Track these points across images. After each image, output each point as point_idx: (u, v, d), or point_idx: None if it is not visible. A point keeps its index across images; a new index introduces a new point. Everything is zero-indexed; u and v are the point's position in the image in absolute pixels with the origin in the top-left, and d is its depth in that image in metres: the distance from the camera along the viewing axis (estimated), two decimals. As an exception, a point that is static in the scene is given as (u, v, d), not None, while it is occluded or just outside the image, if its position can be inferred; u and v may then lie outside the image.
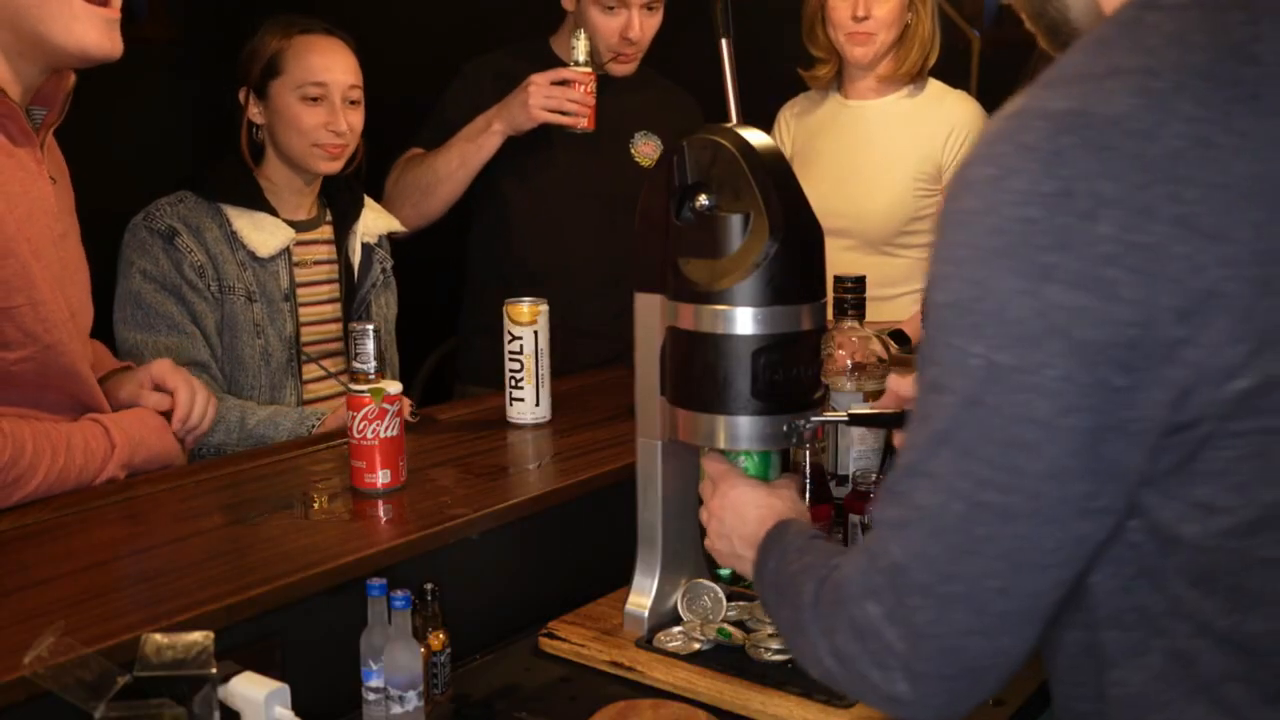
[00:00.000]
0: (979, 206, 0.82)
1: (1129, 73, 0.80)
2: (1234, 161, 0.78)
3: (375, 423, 1.53)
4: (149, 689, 0.94)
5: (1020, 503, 0.83)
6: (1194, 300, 0.77)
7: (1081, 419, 0.80)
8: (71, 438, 1.54)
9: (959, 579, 0.86)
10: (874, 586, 0.92)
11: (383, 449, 1.54)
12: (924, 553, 0.87)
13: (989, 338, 0.81)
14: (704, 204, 1.31)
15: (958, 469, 0.85)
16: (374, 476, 1.54)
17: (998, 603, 0.86)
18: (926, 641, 0.89)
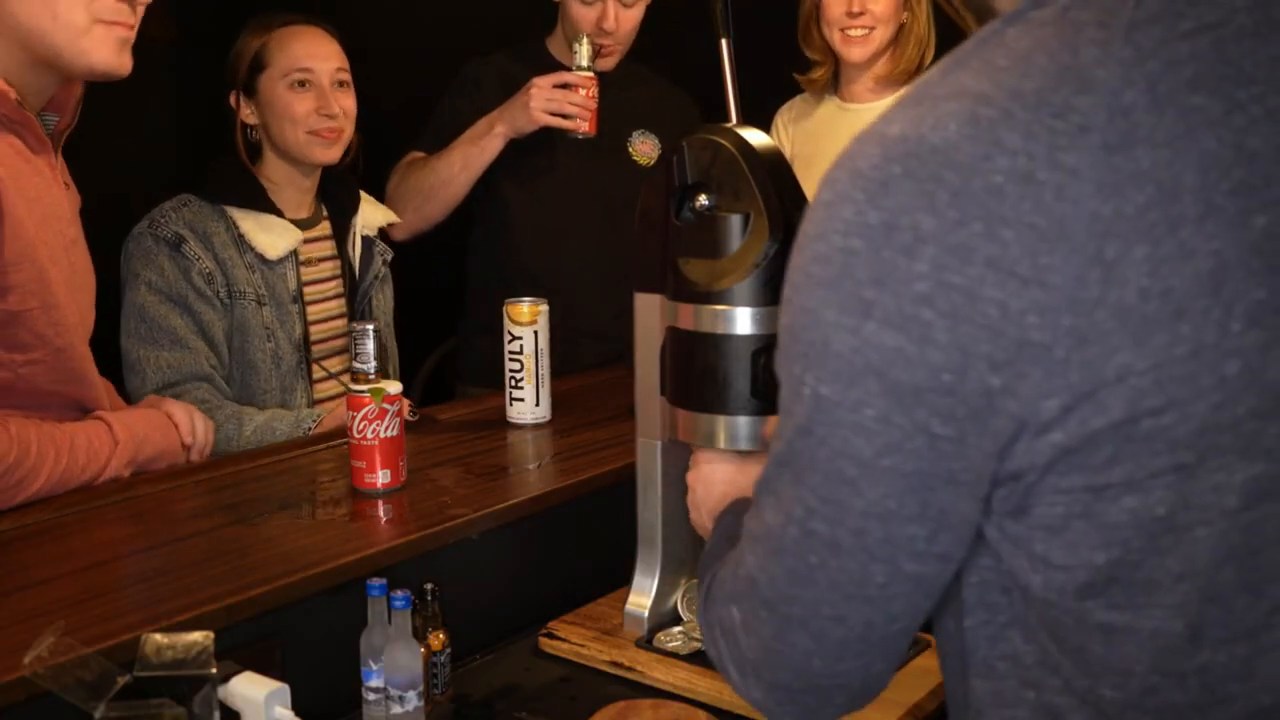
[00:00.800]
0: (812, 232, 0.79)
1: (966, 97, 0.74)
2: (1056, 202, 0.70)
3: (375, 423, 1.53)
4: (149, 689, 0.94)
5: (845, 537, 0.80)
6: (1007, 349, 0.72)
7: (902, 461, 0.77)
8: (75, 438, 1.54)
9: (797, 602, 0.85)
10: (735, 592, 0.92)
11: (383, 449, 1.54)
12: (768, 570, 0.87)
13: (815, 369, 0.78)
14: (704, 204, 1.31)
15: (793, 494, 0.83)
16: (374, 476, 1.54)
17: (834, 630, 0.85)
18: (773, 655, 0.89)
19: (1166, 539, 0.75)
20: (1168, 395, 0.72)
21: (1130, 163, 0.71)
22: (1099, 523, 0.75)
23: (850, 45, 2.45)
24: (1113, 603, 0.78)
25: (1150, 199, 0.71)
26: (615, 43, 2.44)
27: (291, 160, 2.12)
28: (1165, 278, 0.71)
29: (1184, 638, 0.77)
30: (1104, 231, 0.71)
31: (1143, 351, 0.71)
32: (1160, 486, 0.73)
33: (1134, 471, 0.73)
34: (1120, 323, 0.71)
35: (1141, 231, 0.71)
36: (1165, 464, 0.73)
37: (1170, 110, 0.72)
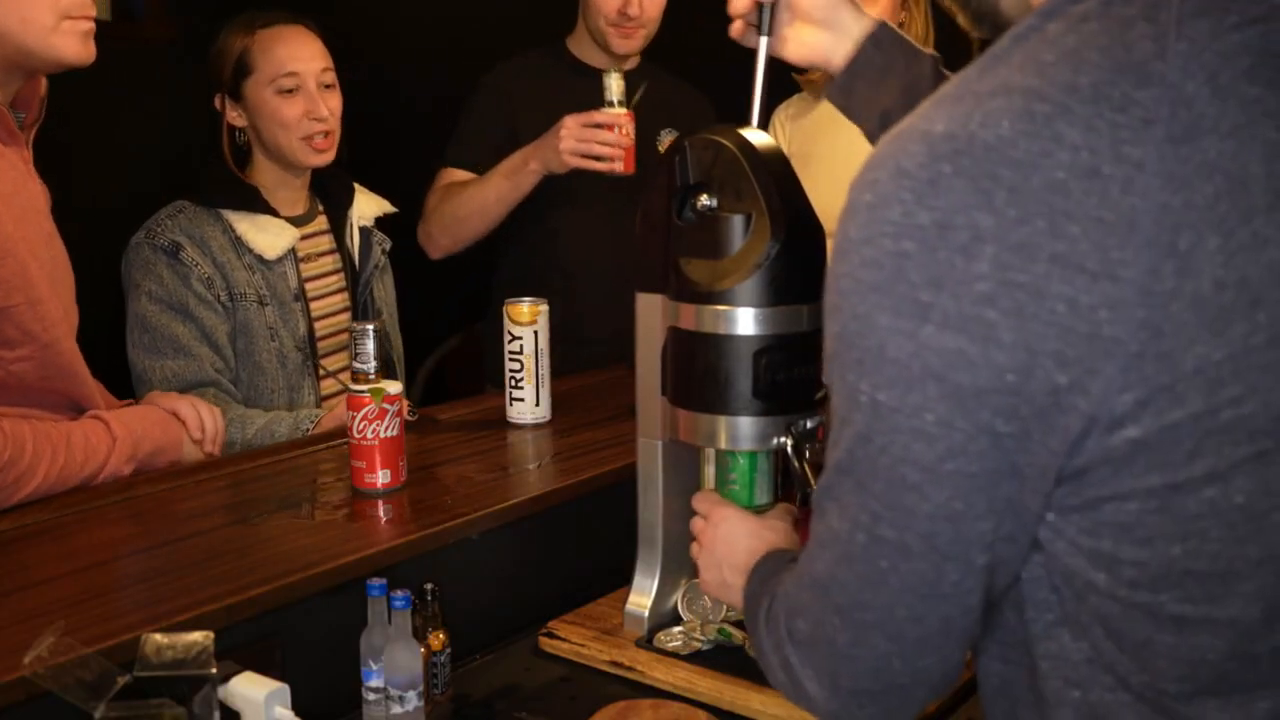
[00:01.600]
0: (858, 236, 0.78)
1: (1015, 93, 0.74)
2: (1123, 195, 0.70)
3: (375, 423, 1.53)
4: (149, 689, 0.94)
5: (914, 541, 0.80)
6: (1076, 345, 0.72)
7: (966, 464, 0.76)
8: (71, 435, 1.54)
9: (870, 607, 0.84)
10: (802, 604, 0.91)
11: (383, 449, 1.54)
12: (837, 576, 0.86)
13: (871, 375, 0.78)
14: (705, 204, 1.31)
15: (857, 501, 0.82)
16: (374, 476, 1.54)
17: (911, 630, 0.84)
18: (849, 662, 0.87)
19: (1246, 527, 0.75)
20: (1247, 384, 0.72)
21: (1197, 153, 0.71)
22: (1176, 516, 0.75)
23: None
24: (1187, 595, 0.77)
25: (1219, 189, 0.71)
26: (640, 26, 2.42)
27: (282, 163, 2.12)
28: (1240, 267, 0.71)
29: (1259, 621, 0.77)
30: (1175, 224, 0.70)
31: (1220, 342, 0.71)
32: (1240, 475, 0.74)
33: (1215, 464, 0.73)
34: (1196, 314, 0.71)
35: (1213, 222, 0.71)
36: (1246, 453, 0.73)
37: (1232, 101, 0.72)
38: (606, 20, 2.40)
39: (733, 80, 1.46)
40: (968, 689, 1.33)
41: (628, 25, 2.40)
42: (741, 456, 1.35)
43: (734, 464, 1.36)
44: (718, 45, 1.46)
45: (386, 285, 2.30)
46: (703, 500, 1.32)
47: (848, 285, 0.79)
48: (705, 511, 1.30)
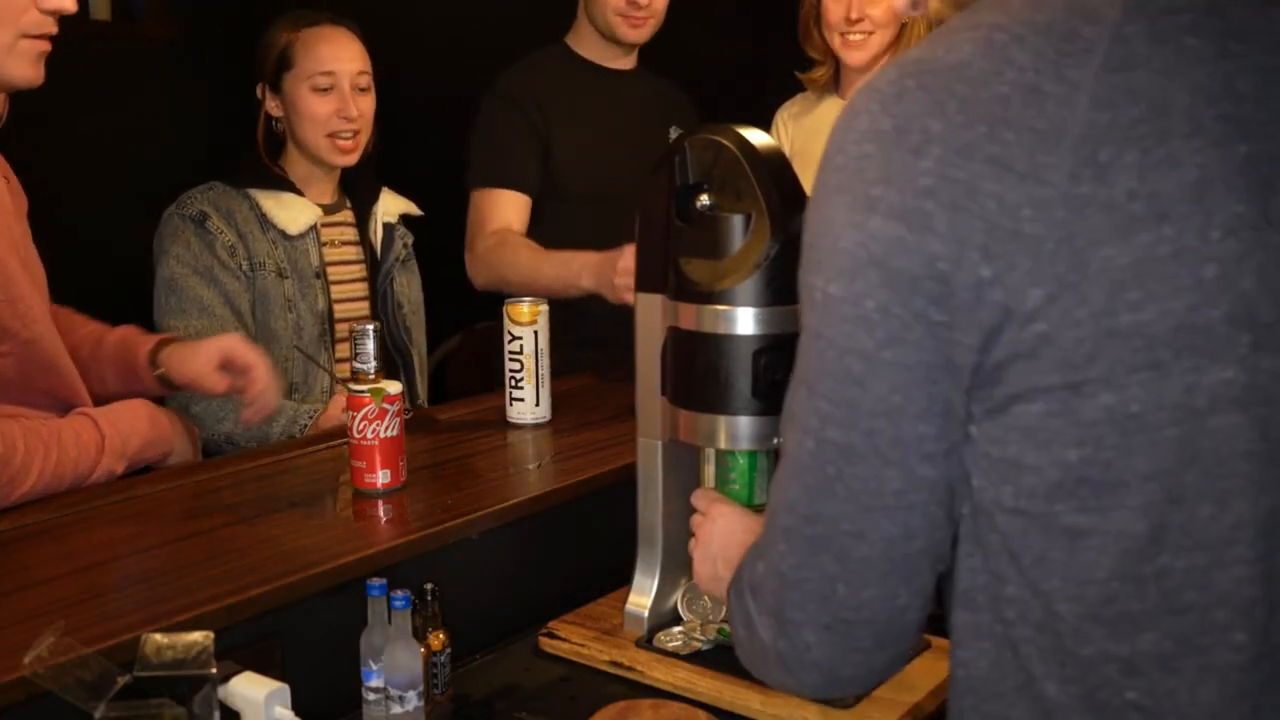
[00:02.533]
0: (831, 147, 0.85)
1: (982, 27, 0.82)
2: (1059, 109, 0.78)
3: (375, 423, 1.53)
4: (149, 689, 0.94)
5: (859, 441, 0.84)
6: (1000, 240, 0.78)
7: (904, 353, 0.81)
8: (62, 432, 1.54)
9: (818, 520, 0.87)
10: (760, 545, 0.95)
11: (383, 449, 1.54)
12: (789, 495, 0.89)
13: (825, 270, 0.84)
14: (705, 204, 1.31)
15: (808, 406, 0.86)
16: (374, 476, 1.54)
17: (856, 548, 0.86)
18: (794, 588, 0.90)
19: (1138, 438, 0.80)
20: (1146, 290, 0.78)
21: (1127, 81, 0.79)
22: (1074, 420, 0.80)
23: (850, 49, 2.45)
24: (1082, 504, 0.82)
25: (1143, 113, 0.79)
26: (649, 15, 2.41)
27: (311, 158, 2.20)
28: (1152, 182, 0.78)
29: (1145, 539, 0.81)
30: (1099, 137, 0.78)
31: (1127, 247, 0.78)
32: (1136, 384, 0.79)
33: (1113, 367, 0.78)
34: (1108, 218, 0.78)
35: (1133, 140, 0.78)
36: (1142, 360, 0.78)
37: (1167, 45, 0.80)
38: (614, 10, 2.39)
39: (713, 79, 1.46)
40: (968, 689, 1.33)
41: (637, 15, 2.39)
42: (741, 456, 1.35)
43: (734, 463, 1.36)
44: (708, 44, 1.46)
45: (410, 282, 2.36)
46: (701, 497, 1.33)
47: (819, 194, 0.86)
48: (704, 508, 1.31)
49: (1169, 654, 0.83)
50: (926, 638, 1.38)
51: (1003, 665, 0.88)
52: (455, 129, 2.50)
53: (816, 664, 0.92)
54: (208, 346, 1.76)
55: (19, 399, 1.56)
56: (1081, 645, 0.84)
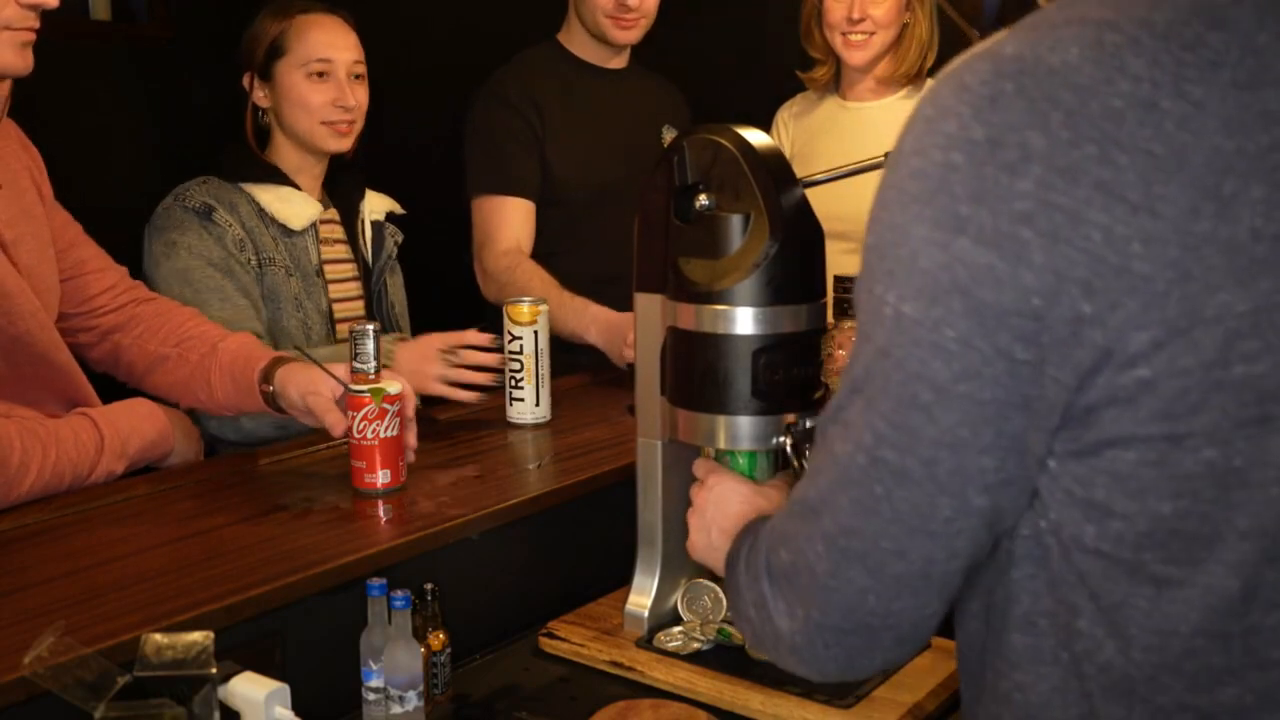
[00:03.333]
0: (910, 148, 0.78)
1: (1089, 23, 0.74)
2: (1177, 131, 0.70)
3: (375, 423, 1.53)
4: (149, 689, 0.94)
5: (915, 466, 0.79)
6: (1104, 276, 0.71)
7: (979, 389, 0.75)
8: (60, 431, 1.54)
9: (858, 534, 0.83)
10: (788, 533, 0.91)
11: (383, 449, 1.54)
12: (831, 501, 0.85)
13: (900, 286, 0.77)
14: (704, 204, 1.31)
15: (863, 420, 0.81)
16: (374, 476, 1.54)
17: (893, 564, 0.83)
18: (825, 593, 0.86)
19: (1239, 494, 0.74)
20: (1265, 341, 0.71)
21: (1258, 102, 0.71)
22: (1172, 472, 0.74)
23: (851, 49, 2.45)
24: (1171, 556, 0.76)
25: (1275, 140, 0.71)
26: (639, 16, 2.41)
27: (302, 147, 2.13)
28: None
29: (1237, 597, 0.76)
30: (1224, 167, 0.70)
31: (1245, 294, 0.71)
32: (1241, 439, 0.73)
33: (1219, 421, 0.72)
34: (1227, 261, 0.70)
35: (1262, 172, 0.70)
36: (1251, 415, 0.72)
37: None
38: (604, 12, 2.39)
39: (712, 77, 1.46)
40: (967, 689, 1.33)
41: (626, 17, 2.39)
42: (741, 456, 1.35)
43: (733, 464, 1.36)
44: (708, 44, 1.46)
45: (398, 282, 2.32)
46: (700, 465, 1.31)
47: (891, 195, 0.78)
48: (701, 475, 1.28)
49: (1249, 707, 0.79)
50: (926, 637, 1.38)
51: (1066, 694, 0.84)
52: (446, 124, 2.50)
53: (834, 659, 0.90)
54: (328, 376, 1.62)
55: (16, 396, 1.56)
56: (1156, 693, 0.80)
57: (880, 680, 1.30)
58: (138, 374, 1.80)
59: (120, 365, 1.81)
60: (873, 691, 1.28)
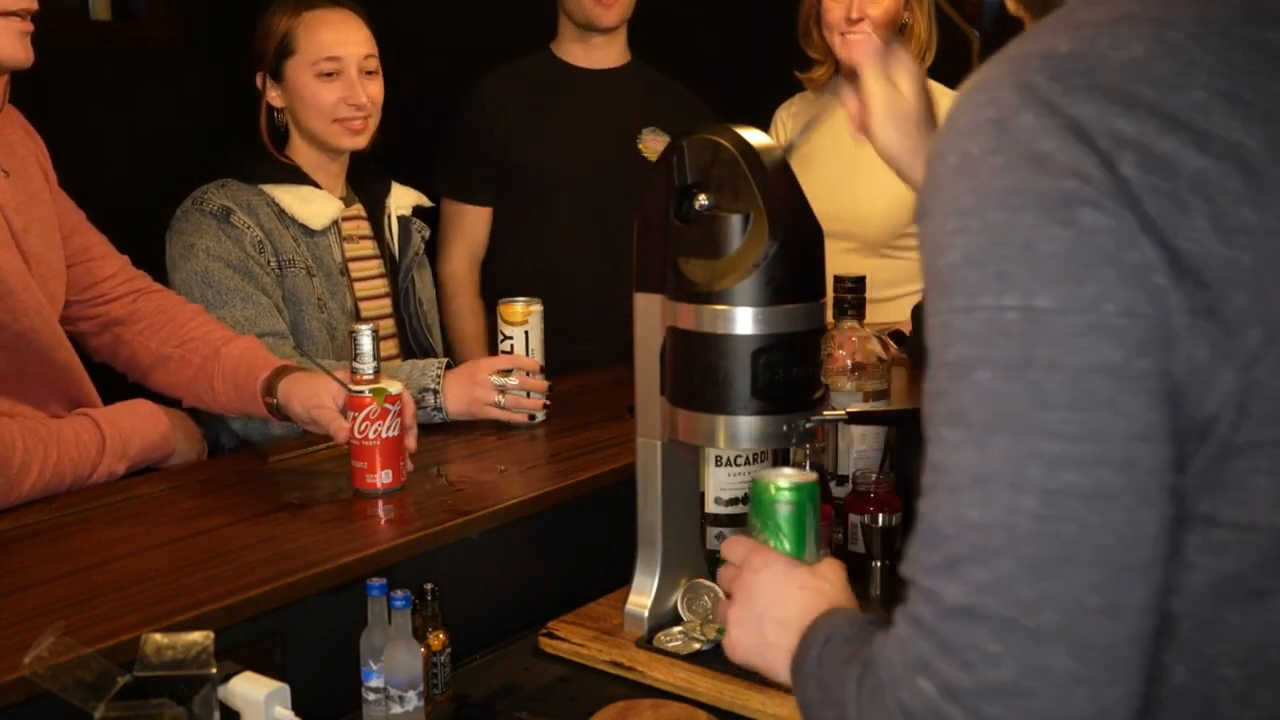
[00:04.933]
0: (983, 149, 0.72)
1: (1140, 20, 0.72)
2: (1264, 125, 0.68)
3: (377, 423, 1.53)
4: (149, 689, 0.94)
5: (1110, 478, 0.68)
6: (1213, 268, 0.67)
7: (1159, 359, 0.68)
8: (61, 432, 1.55)
9: (1051, 602, 0.68)
10: (922, 656, 0.72)
11: (384, 449, 1.53)
12: (994, 584, 0.69)
13: (1022, 283, 0.69)
14: (703, 204, 1.31)
15: (1020, 453, 0.69)
16: (374, 477, 1.54)
17: (1103, 630, 0.68)
18: (1017, 702, 0.69)
19: None
20: None
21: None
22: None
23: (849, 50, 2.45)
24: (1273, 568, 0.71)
25: None
26: (616, 1, 2.45)
27: (319, 146, 2.10)
28: None
29: None
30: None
31: None
32: None
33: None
34: None
35: None
36: None
37: None
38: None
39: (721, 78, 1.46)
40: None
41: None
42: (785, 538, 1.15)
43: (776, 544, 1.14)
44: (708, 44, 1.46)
45: (425, 277, 2.28)
46: (736, 545, 1.09)
47: (972, 201, 0.72)
48: (740, 558, 1.06)
49: None
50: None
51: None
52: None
53: None
54: (330, 385, 1.62)
55: (19, 394, 1.56)
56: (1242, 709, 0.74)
57: (880, 680, 1.30)
58: (139, 370, 1.81)
59: (120, 359, 1.81)
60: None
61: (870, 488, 1.64)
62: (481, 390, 1.87)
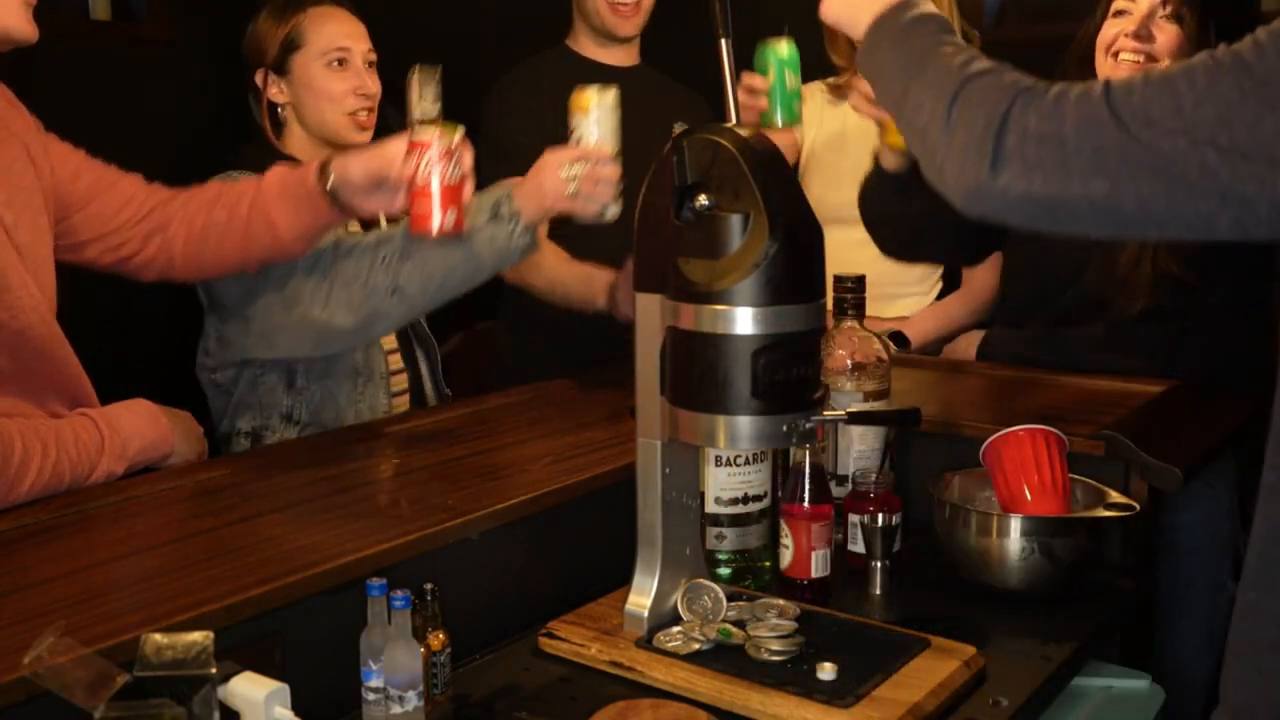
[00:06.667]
0: None
1: None
2: None
3: (440, 164, 1.53)
4: (149, 689, 0.94)
5: None
6: None
7: None
8: (60, 432, 1.54)
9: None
10: (1052, 104, 0.98)
11: (446, 192, 1.54)
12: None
13: None
14: (704, 204, 1.31)
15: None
16: (436, 220, 1.54)
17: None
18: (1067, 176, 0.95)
19: None
20: None
21: None
22: None
23: None
24: None
25: None
26: (636, 11, 2.44)
27: (321, 139, 2.13)
28: None
29: None
30: None
31: None
32: None
33: None
34: None
35: None
36: None
37: None
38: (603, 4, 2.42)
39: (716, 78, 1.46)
40: (971, 685, 1.33)
41: (625, 7, 2.42)
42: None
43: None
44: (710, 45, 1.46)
45: None
46: None
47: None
48: None
49: None
50: (926, 637, 1.39)
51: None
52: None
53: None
54: (389, 141, 1.65)
55: (21, 392, 1.56)
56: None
57: (880, 680, 1.30)
58: (195, 256, 1.79)
59: (176, 263, 1.80)
60: (873, 691, 1.28)
61: (870, 488, 1.64)
62: (552, 182, 1.81)
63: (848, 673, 1.31)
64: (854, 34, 1.19)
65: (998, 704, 1.31)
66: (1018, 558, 1.54)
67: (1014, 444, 1.61)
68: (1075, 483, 1.63)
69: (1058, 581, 1.56)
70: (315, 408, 2.00)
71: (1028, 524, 1.54)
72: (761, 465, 1.60)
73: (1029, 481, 1.60)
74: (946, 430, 1.80)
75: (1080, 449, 1.67)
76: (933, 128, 1.05)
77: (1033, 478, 1.59)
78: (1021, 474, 1.60)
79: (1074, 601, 1.58)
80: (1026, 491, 1.60)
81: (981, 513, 1.59)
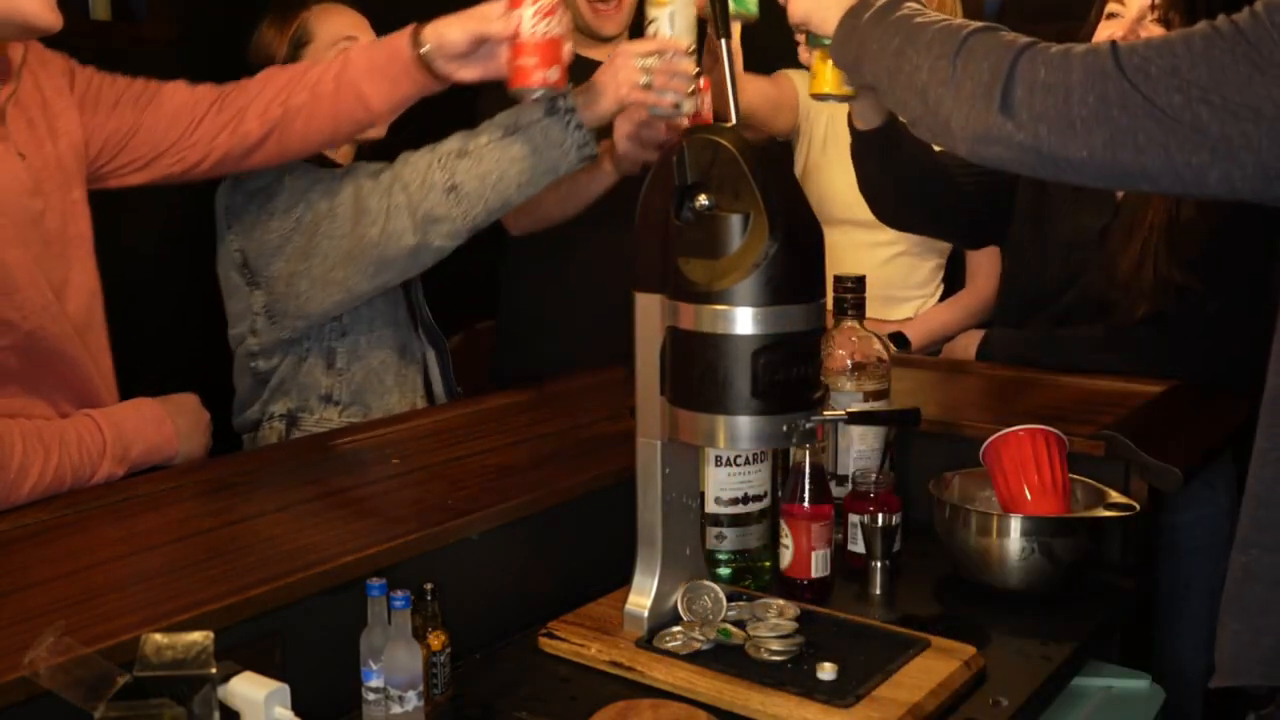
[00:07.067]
0: None
1: None
2: None
3: (546, 19, 1.53)
4: (149, 689, 0.94)
5: None
6: None
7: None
8: (64, 434, 1.54)
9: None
10: (1060, 57, 1.06)
11: (549, 46, 1.54)
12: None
13: None
14: (704, 204, 1.31)
15: None
16: (540, 74, 1.54)
17: None
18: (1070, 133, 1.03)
19: None
20: None
21: None
22: None
23: None
24: None
25: None
26: (618, 10, 2.44)
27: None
28: None
29: None
30: None
31: None
32: None
33: None
34: None
35: None
36: None
37: None
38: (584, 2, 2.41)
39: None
40: (971, 685, 1.33)
41: (605, 6, 2.42)
42: None
43: None
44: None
45: None
46: None
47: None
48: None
49: None
50: (926, 637, 1.38)
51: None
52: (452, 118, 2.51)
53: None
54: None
55: (32, 390, 1.55)
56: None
57: (880, 680, 1.30)
58: (278, 142, 1.77)
59: (252, 153, 1.78)
60: (873, 691, 1.28)
61: (870, 488, 1.64)
62: (626, 72, 1.78)
63: (848, 673, 1.31)
64: (823, 30, 1.25)
65: (998, 704, 1.31)
66: (1018, 558, 1.54)
67: (1014, 444, 1.61)
68: (1075, 483, 1.63)
69: (1058, 581, 1.56)
70: (357, 389, 2.01)
71: (1028, 524, 1.54)
72: (761, 465, 1.60)
73: (1029, 481, 1.60)
74: (946, 430, 1.80)
75: (1080, 449, 1.67)
76: (934, 84, 1.12)
77: (1033, 478, 1.60)
78: (1021, 474, 1.60)
79: (1074, 601, 1.58)
80: (1026, 491, 1.60)
81: (981, 513, 1.59)
